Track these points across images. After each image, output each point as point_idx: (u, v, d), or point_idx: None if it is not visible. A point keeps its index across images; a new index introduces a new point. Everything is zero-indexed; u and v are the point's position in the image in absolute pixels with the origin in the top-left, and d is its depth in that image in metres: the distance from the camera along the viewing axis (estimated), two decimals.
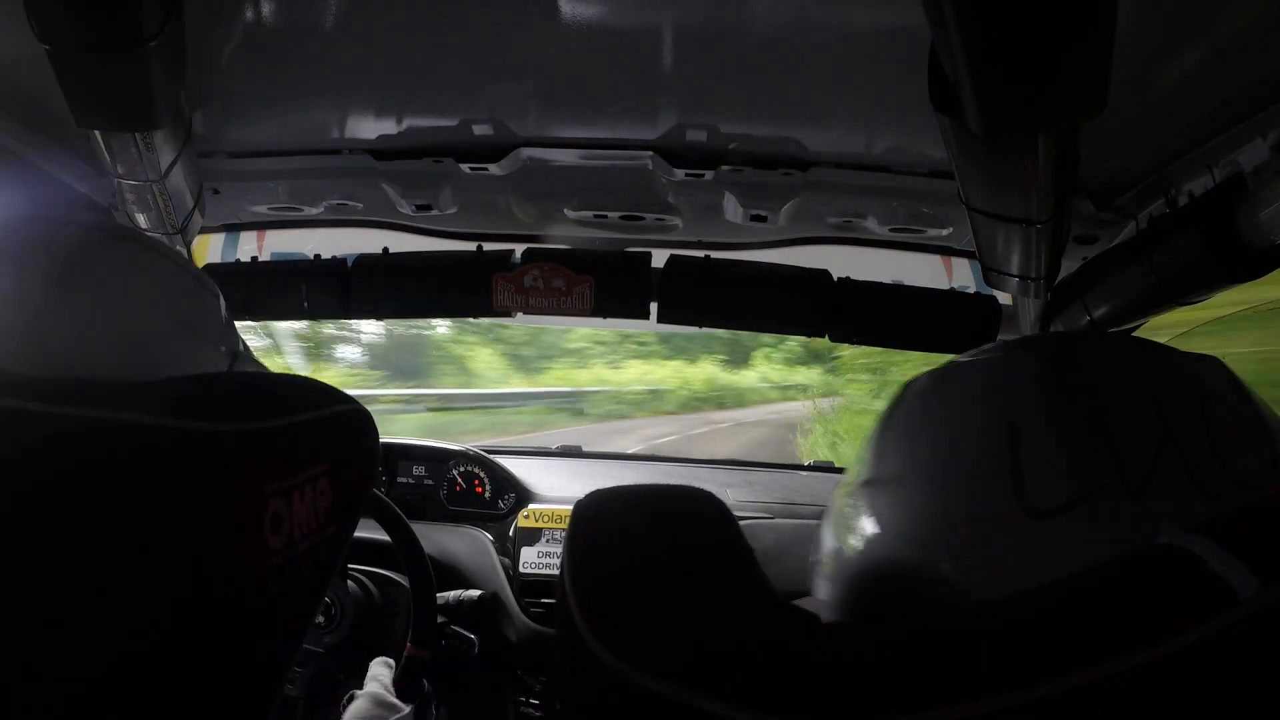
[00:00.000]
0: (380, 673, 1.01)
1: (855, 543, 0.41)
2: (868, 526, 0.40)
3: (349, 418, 0.51)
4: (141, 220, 0.88)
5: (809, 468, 1.92)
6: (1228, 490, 0.32)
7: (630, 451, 1.98)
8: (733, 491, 1.61)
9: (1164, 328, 1.00)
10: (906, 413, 0.42)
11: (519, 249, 1.09)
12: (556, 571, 1.43)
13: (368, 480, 0.54)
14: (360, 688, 1.09)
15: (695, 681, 0.26)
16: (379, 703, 0.96)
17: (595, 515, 0.37)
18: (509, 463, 1.59)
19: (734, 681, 0.26)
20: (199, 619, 0.38)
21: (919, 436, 0.39)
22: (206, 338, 0.60)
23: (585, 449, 1.96)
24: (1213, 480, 0.32)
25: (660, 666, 0.27)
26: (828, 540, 0.45)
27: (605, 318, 1.10)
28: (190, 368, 0.57)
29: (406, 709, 0.95)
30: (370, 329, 9.83)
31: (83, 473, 0.34)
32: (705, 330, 1.14)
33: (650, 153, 0.91)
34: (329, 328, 8.70)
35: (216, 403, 0.41)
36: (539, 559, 1.44)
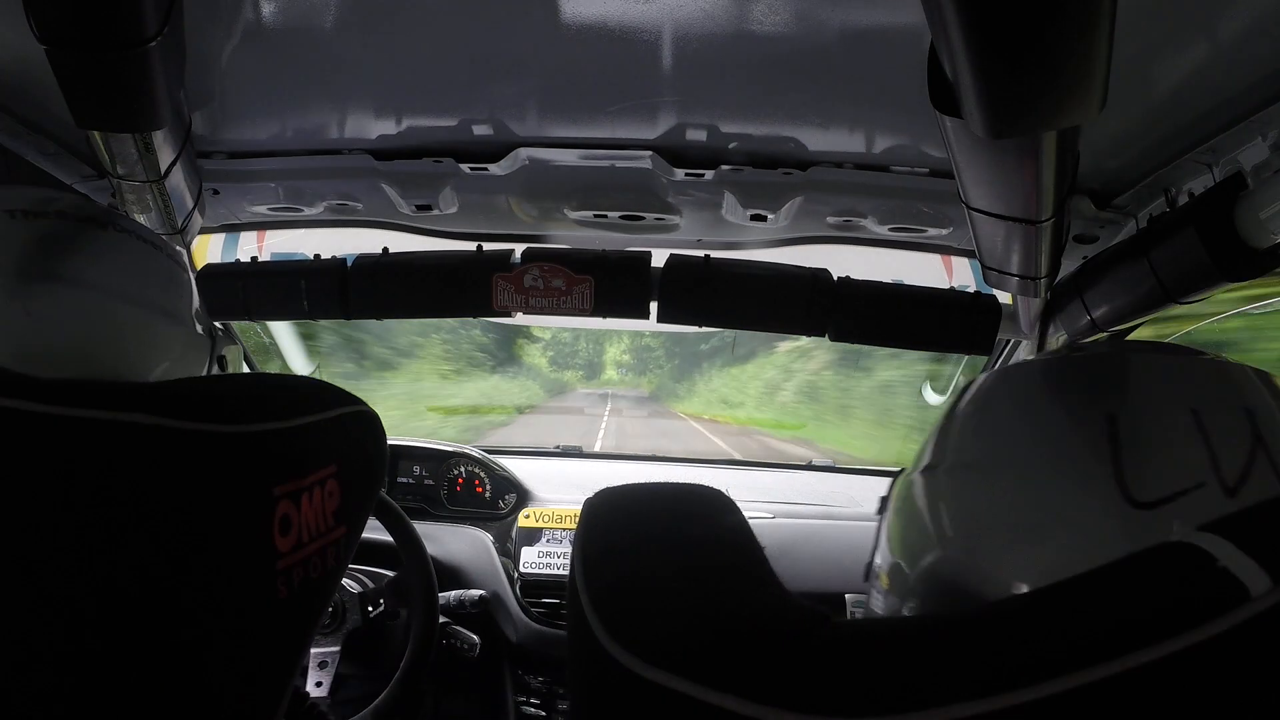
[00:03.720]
0: None
1: (921, 534, 0.42)
2: (937, 513, 0.42)
3: (357, 419, 0.51)
4: (141, 220, 0.88)
5: (810, 467, 1.92)
6: None
7: (630, 451, 1.98)
8: (734, 491, 1.61)
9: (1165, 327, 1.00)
10: (983, 405, 0.44)
11: (519, 249, 1.09)
12: (557, 571, 1.43)
13: (375, 481, 0.54)
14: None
15: (708, 677, 0.26)
16: None
17: (606, 512, 0.37)
18: (509, 463, 1.59)
19: (747, 677, 0.26)
20: (207, 620, 0.38)
21: (1002, 426, 0.41)
22: (184, 318, 0.59)
23: (585, 449, 1.96)
24: None
25: (674, 662, 0.27)
26: (884, 555, 0.47)
27: (605, 317, 1.10)
28: (170, 349, 0.56)
29: None
30: None
31: (88, 474, 0.34)
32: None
33: (650, 152, 0.91)
34: None
35: (223, 404, 0.41)
36: (539, 559, 1.44)
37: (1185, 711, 0.23)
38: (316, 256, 1.13)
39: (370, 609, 1.20)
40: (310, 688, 1.14)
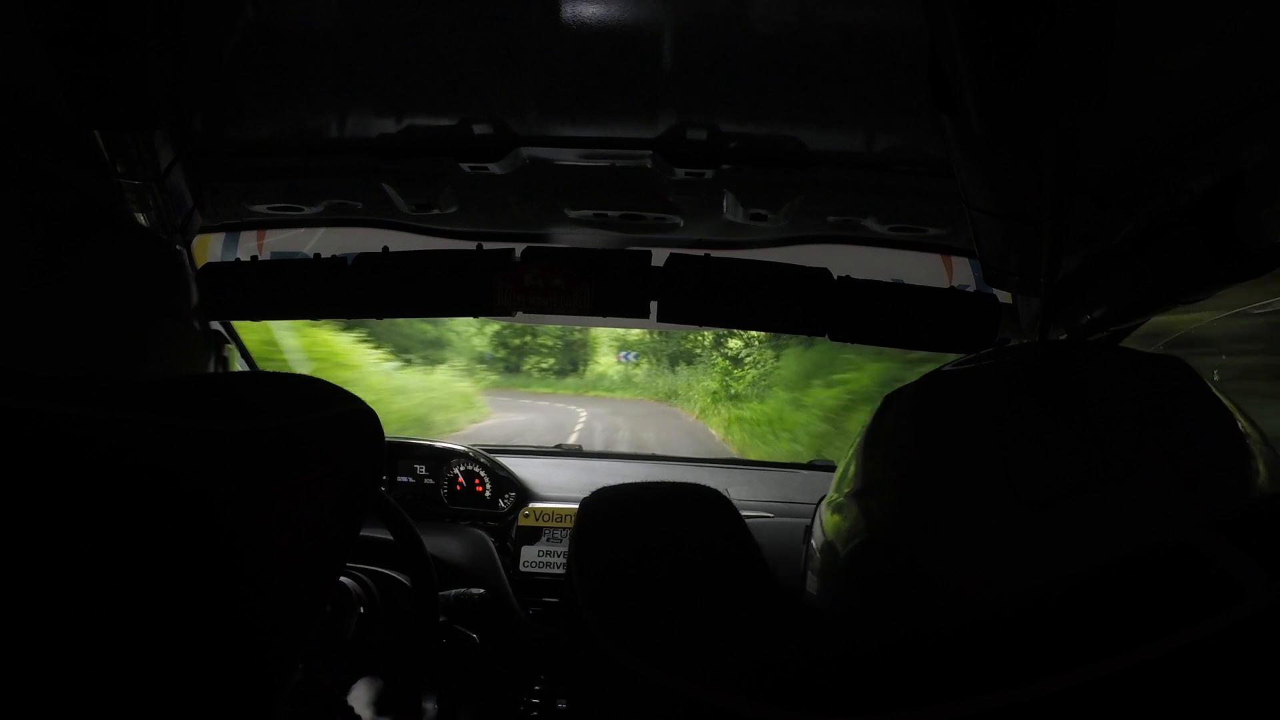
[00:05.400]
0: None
1: (848, 545, 0.42)
2: (861, 532, 0.41)
3: (354, 417, 0.51)
4: (141, 220, 0.88)
5: (809, 466, 1.92)
6: (1203, 471, 0.35)
7: (630, 451, 1.97)
8: (733, 490, 1.62)
9: (1164, 327, 1.00)
10: (893, 423, 0.43)
11: (519, 248, 1.09)
12: (557, 570, 1.44)
13: (373, 479, 0.54)
14: (359, 686, 1.09)
15: (704, 675, 0.26)
16: None
17: (602, 512, 0.37)
18: (509, 462, 1.59)
19: (742, 675, 0.26)
20: (205, 618, 0.38)
21: (909, 443, 0.41)
22: (185, 314, 0.59)
23: (585, 448, 1.96)
24: (1188, 465, 0.35)
25: (669, 661, 0.27)
26: (818, 537, 0.47)
27: (605, 316, 1.10)
28: (172, 345, 0.56)
29: None
30: None
31: (87, 472, 0.34)
32: None
33: (650, 151, 0.91)
34: None
35: (222, 402, 0.41)
36: (539, 558, 1.44)
37: (1181, 710, 0.23)
38: (316, 256, 1.13)
39: (363, 609, 1.20)
40: None
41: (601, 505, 0.38)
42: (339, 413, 0.49)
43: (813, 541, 0.48)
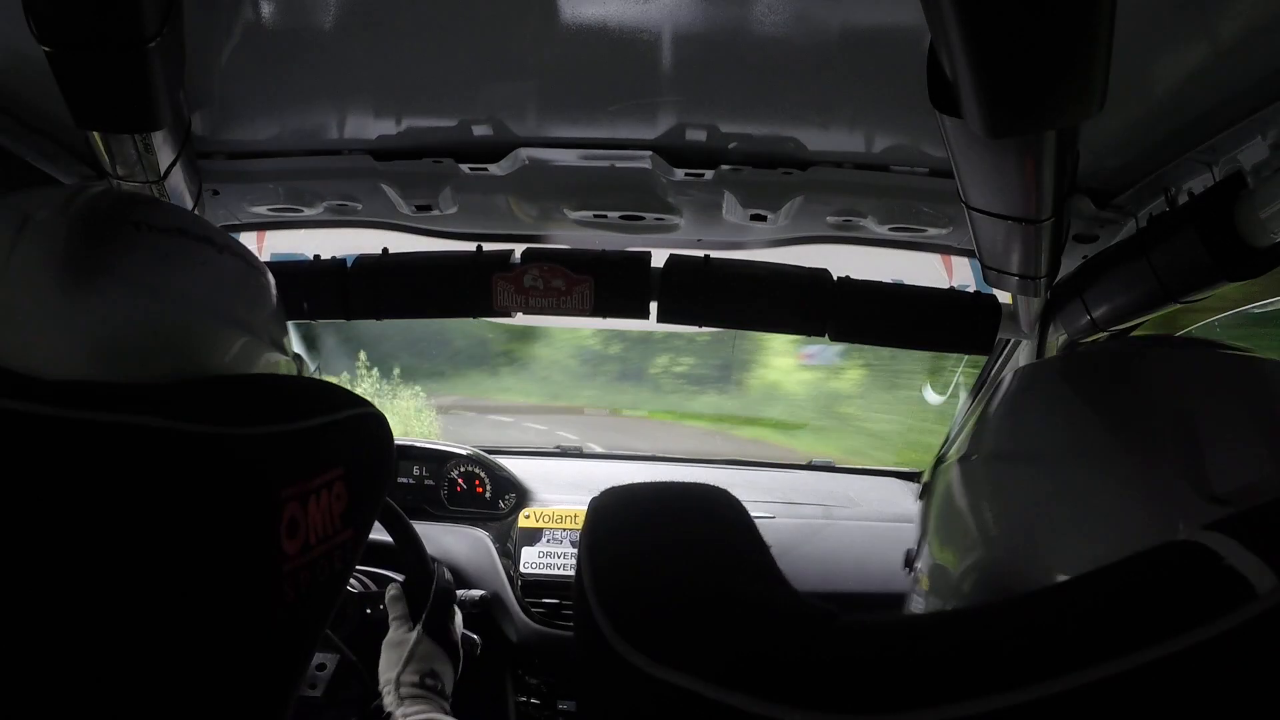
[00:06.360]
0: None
1: (967, 531, 0.43)
2: (993, 506, 0.42)
3: (364, 421, 0.51)
4: None
5: (809, 467, 1.92)
6: None
7: (631, 452, 1.97)
8: (735, 490, 1.61)
9: (1163, 327, 1.00)
10: (1042, 395, 0.44)
11: (519, 249, 1.09)
12: (558, 571, 1.43)
13: (382, 484, 0.54)
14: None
15: (717, 675, 0.26)
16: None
17: (612, 512, 0.37)
18: (509, 463, 1.59)
19: (756, 676, 0.26)
20: (213, 623, 0.38)
21: (1065, 418, 0.42)
22: (258, 331, 0.55)
23: (586, 449, 1.96)
24: None
25: (683, 661, 0.27)
26: (925, 558, 0.47)
27: (605, 317, 1.10)
28: (240, 364, 0.51)
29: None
30: None
31: (93, 477, 0.34)
32: None
33: (650, 152, 0.91)
34: None
35: (229, 406, 0.41)
36: (540, 559, 1.44)
37: (1190, 710, 0.23)
38: (316, 257, 1.13)
39: (369, 610, 1.20)
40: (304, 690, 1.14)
41: (612, 504, 0.37)
42: (347, 416, 0.49)
43: (919, 565, 0.49)
